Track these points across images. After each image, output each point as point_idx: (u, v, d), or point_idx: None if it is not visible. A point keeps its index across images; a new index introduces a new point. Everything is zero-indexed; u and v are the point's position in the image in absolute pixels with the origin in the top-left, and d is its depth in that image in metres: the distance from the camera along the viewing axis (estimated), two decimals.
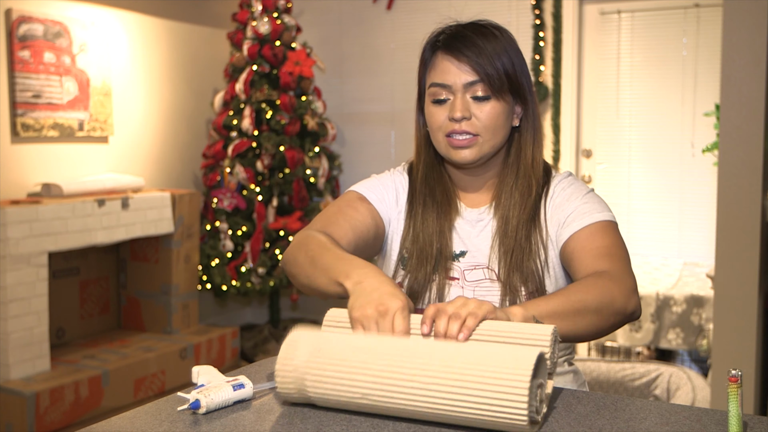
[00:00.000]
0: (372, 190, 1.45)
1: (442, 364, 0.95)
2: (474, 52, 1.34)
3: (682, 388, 2.33)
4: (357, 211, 1.40)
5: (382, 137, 4.60)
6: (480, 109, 1.34)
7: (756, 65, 2.51)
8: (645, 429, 0.99)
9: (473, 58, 1.34)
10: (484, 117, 1.34)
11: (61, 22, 3.54)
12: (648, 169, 4.06)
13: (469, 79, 1.34)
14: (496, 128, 1.36)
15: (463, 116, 1.33)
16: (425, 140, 1.45)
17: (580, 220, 1.34)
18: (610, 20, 4.05)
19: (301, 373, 1.02)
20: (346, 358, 1.00)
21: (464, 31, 1.38)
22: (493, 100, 1.35)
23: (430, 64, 1.40)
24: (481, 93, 1.34)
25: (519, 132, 1.42)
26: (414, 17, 4.41)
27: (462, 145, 1.35)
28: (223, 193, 3.99)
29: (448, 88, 1.36)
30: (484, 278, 1.36)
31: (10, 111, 3.36)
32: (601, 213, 1.35)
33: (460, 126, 1.34)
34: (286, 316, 4.72)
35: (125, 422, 1.03)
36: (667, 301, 3.46)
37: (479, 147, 1.35)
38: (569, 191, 1.40)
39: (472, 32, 1.37)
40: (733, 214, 2.57)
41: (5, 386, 2.99)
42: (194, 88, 4.38)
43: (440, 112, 1.36)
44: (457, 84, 1.35)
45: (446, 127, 1.36)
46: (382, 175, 1.50)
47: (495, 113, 1.35)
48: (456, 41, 1.37)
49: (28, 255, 3.08)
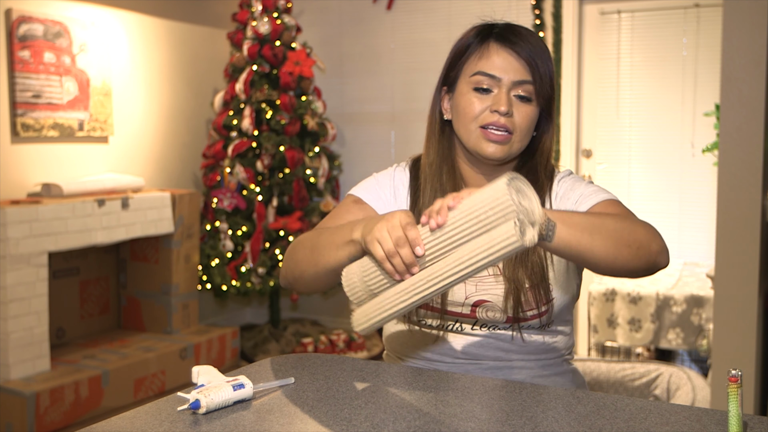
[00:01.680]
0: (368, 191, 1.45)
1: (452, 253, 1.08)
2: (531, 52, 1.34)
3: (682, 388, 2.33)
4: (351, 213, 1.39)
5: (382, 137, 4.60)
6: (520, 109, 1.34)
7: (756, 65, 2.51)
8: (645, 429, 0.99)
9: (531, 57, 1.33)
10: (521, 118, 1.34)
11: (61, 22, 3.54)
12: (648, 169, 4.06)
13: (522, 77, 1.33)
14: (528, 131, 1.36)
15: (509, 112, 1.32)
16: (439, 131, 1.43)
17: (588, 200, 1.35)
18: (610, 20, 4.05)
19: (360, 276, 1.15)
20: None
21: (518, 28, 1.37)
22: (534, 104, 1.35)
23: (479, 51, 1.36)
24: (525, 93, 1.34)
25: (541, 136, 1.41)
26: (414, 17, 4.41)
27: (497, 139, 1.33)
28: (223, 193, 3.99)
29: (496, 80, 1.34)
30: (489, 274, 1.36)
31: (10, 111, 3.36)
32: (607, 194, 1.36)
33: (501, 120, 1.33)
34: (286, 316, 4.72)
35: (125, 422, 1.03)
36: (667, 301, 3.46)
37: (510, 146, 1.35)
38: (570, 182, 1.41)
39: (525, 31, 1.36)
40: (733, 214, 2.57)
41: (5, 386, 2.99)
42: (194, 88, 4.38)
43: (480, 102, 1.34)
44: (508, 79, 1.33)
45: (485, 118, 1.34)
46: (381, 174, 1.49)
47: (532, 117, 1.35)
48: (514, 35, 1.35)
49: (28, 255, 3.08)
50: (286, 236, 4.02)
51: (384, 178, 1.47)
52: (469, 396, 1.15)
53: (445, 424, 1.01)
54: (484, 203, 1.04)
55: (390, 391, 1.16)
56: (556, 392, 1.15)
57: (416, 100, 4.42)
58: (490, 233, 1.03)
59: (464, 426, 1.01)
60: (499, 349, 1.37)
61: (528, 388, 1.17)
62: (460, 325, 1.37)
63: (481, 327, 1.36)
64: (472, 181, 1.43)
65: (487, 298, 1.35)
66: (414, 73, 4.41)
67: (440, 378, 1.23)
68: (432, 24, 4.36)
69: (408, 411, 1.07)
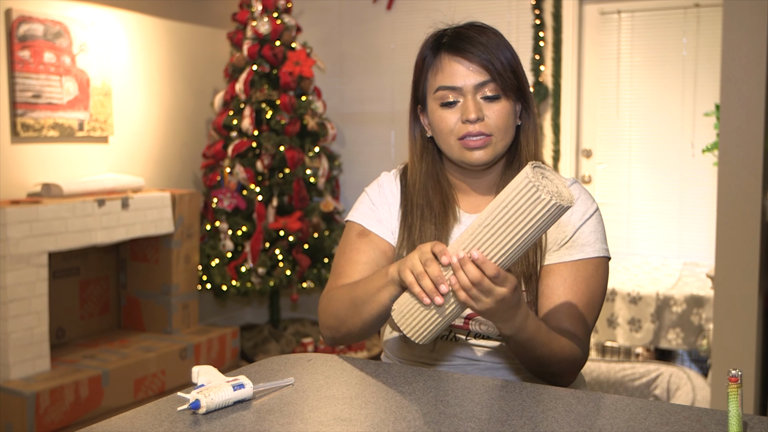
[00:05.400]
0: (366, 215, 1.45)
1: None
2: (482, 51, 1.33)
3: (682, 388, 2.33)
4: (361, 252, 1.41)
5: (382, 137, 4.60)
6: (491, 109, 1.34)
7: (756, 65, 2.51)
8: (645, 429, 0.99)
9: (483, 57, 1.33)
10: (495, 117, 1.34)
11: (61, 22, 3.54)
12: (648, 169, 4.06)
13: (480, 79, 1.33)
14: (507, 127, 1.36)
15: (478, 117, 1.32)
16: (422, 149, 1.43)
17: (582, 250, 1.35)
18: (610, 20, 4.05)
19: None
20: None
21: (466, 31, 1.36)
22: (503, 99, 1.34)
23: (434, 67, 1.37)
24: (491, 93, 1.33)
25: (521, 130, 1.41)
26: (414, 17, 4.41)
27: (477, 146, 1.33)
28: (223, 193, 3.99)
29: (457, 90, 1.34)
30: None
31: (10, 111, 3.36)
32: (594, 246, 1.36)
33: (474, 127, 1.33)
34: (286, 316, 4.72)
35: (125, 422, 1.03)
36: (667, 301, 3.46)
37: (493, 147, 1.34)
38: (573, 209, 1.39)
39: (475, 32, 1.35)
40: (733, 214, 2.57)
41: (5, 386, 2.99)
42: (194, 88, 4.38)
43: (450, 116, 1.35)
44: (468, 85, 1.33)
45: (459, 130, 1.34)
46: (371, 191, 1.48)
47: (506, 112, 1.35)
48: (462, 41, 1.35)
49: (28, 255, 3.08)
50: (286, 236, 4.02)
51: (376, 196, 1.47)
52: (469, 396, 1.15)
53: (445, 424, 1.01)
54: (510, 193, 1.08)
55: (390, 391, 1.16)
56: (556, 392, 1.15)
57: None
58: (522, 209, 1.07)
59: (464, 426, 1.01)
60: (494, 354, 1.38)
61: (528, 388, 1.17)
62: (454, 336, 1.39)
63: (475, 337, 1.38)
64: (463, 187, 1.44)
65: None
66: None
67: (440, 378, 1.23)
68: (432, 24, 4.35)
69: (408, 411, 1.07)
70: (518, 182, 1.07)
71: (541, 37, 4.07)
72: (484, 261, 1.08)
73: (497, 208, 1.09)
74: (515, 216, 1.07)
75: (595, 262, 1.35)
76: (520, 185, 1.07)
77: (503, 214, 1.08)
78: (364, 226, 1.44)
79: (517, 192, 1.07)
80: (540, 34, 4.07)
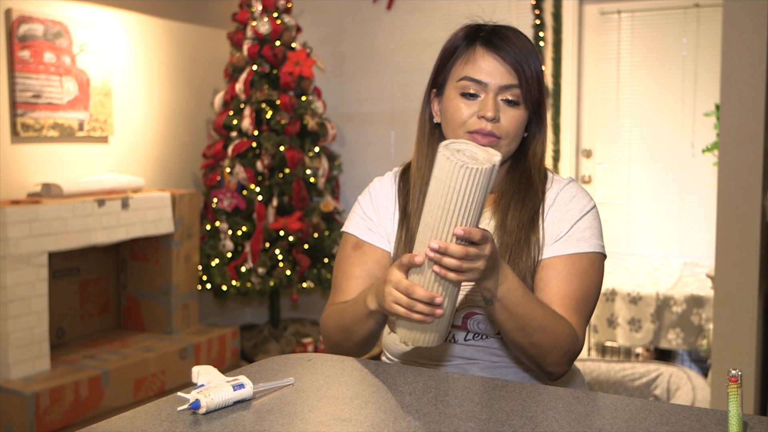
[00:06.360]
0: (358, 225, 1.46)
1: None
2: (517, 54, 1.32)
3: (682, 388, 2.33)
4: (356, 265, 1.42)
5: (382, 137, 4.60)
6: (507, 113, 1.33)
7: (756, 65, 2.51)
8: (645, 429, 0.99)
9: (516, 59, 1.32)
10: (508, 122, 1.33)
11: (61, 22, 3.54)
12: (648, 169, 4.06)
13: (508, 81, 1.32)
14: (517, 135, 1.35)
15: (495, 117, 1.31)
16: (430, 134, 1.43)
17: (577, 245, 1.35)
18: (610, 20, 4.05)
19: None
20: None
21: (505, 31, 1.35)
22: (522, 107, 1.34)
23: (465, 56, 1.36)
24: (513, 97, 1.33)
25: (529, 139, 1.40)
26: (414, 17, 4.41)
27: (484, 144, 1.31)
28: (223, 193, 3.99)
29: (481, 85, 1.33)
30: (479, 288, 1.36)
31: (10, 111, 3.36)
32: (590, 241, 1.36)
33: (487, 126, 1.32)
34: (286, 316, 4.72)
35: (125, 422, 1.03)
36: (667, 301, 3.46)
37: (498, 150, 1.33)
38: (569, 198, 1.39)
39: (512, 34, 1.35)
40: (733, 214, 2.57)
41: (5, 386, 2.99)
42: (194, 88, 4.38)
43: (467, 108, 1.34)
44: (494, 83, 1.32)
45: (472, 124, 1.33)
46: (363, 200, 1.49)
47: (520, 120, 1.34)
48: (500, 39, 1.34)
49: (28, 255, 3.08)
50: (286, 236, 4.02)
51: (367, 204, 1.47)
52: (469, 396, 1.15)
53: (445, 424, 1.01)
54: (440, 179, 1.09)
55: (390, 391, 1.16)
56: (556, 392, 1.15)
57: (416, 100, 4.36)
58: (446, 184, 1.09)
59: (464, 426, 1.01)
60: (493, 354, 1.38)
61: (528, 388, 1.17)
62: (453, 336, 1.39)
63: (474, 337, 1.38)
64: None
65: (477, 311, 1.36)
66: (414, 73, 4.40)
67: (440, 378, 1.23)
68: (432, 24, 4.36)
69: (408, 411, 1.07)
70: (441, 167, 1.10)
71: (541, 37, 4.07)
72: (469, 231, 1.09)
73: (436, 195, 1.11)
74: (455, 195, 1.08)
75: (590, 257, 1.35)
76: (444, 168, 1.09)
77: (445, 198, 1.09)
78: (358, 237, 1.45)
79: (446, 174, 1.09)
80: (540, 34, 4.07)
